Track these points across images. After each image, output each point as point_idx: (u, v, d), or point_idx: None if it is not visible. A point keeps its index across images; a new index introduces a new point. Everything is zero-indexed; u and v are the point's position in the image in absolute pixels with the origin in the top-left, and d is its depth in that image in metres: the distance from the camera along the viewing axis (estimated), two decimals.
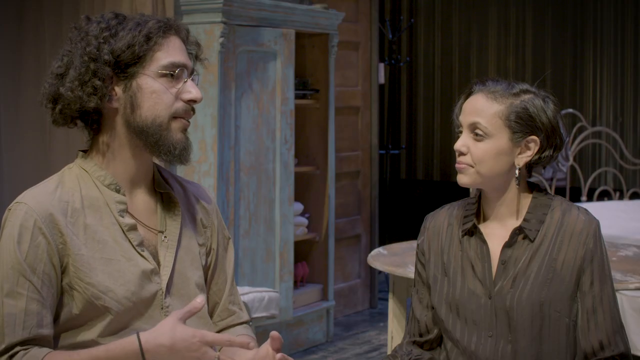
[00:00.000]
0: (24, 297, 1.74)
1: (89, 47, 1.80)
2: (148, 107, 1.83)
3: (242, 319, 2.08)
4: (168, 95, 1.83)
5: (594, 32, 7.60)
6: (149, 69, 1.82)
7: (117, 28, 1.83)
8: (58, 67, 1.84)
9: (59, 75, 1.83)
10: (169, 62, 1.83)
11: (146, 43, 1.81)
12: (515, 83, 2.05)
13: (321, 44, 5.15)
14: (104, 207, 1.84)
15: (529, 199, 2.07)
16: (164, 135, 1.83)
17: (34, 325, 1.74)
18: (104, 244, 1.82)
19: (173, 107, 1.84)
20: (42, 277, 1.76)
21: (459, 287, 2.07)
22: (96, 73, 1.80)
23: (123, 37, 1.81)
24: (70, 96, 1.80)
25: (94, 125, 1.87)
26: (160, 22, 1.85)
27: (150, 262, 1.85)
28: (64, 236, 1.78)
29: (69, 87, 1.80)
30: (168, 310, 1.86)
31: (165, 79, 1.83)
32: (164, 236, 1.91)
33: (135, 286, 1.82)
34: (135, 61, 1.82)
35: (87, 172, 1.87)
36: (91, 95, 1.80)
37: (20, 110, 4.51)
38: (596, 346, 2.01)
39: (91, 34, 1.82)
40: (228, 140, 4.39)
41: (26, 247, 1.75)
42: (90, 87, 1.80)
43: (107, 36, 1.81)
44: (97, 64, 1.80)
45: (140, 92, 1.82)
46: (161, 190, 1.94)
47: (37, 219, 1.76)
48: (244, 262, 4.51)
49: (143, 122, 1.83)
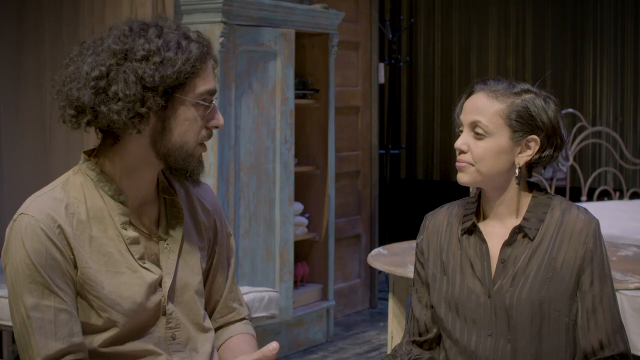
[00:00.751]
0: (52, 308, 1.72)
1: (142, 72, 1.73)
2: (179, 133, 1.80)
3: (242, 315, 2.08)
4: (198, 123, 1.82)
5: (594, 32, 7.60)
6: (187, 96, 1.79)
7: (163, 50, 1.76)
8: (96, 77, 1.76)
9: (99, 90, 1.75)
10: (205, 90, 1.81)
11: (191, 69, 1.78)
12: (517, 83, 2.05)
13: (321, 43, 5.15)
14: (108, 218, 1.83)
15: (528, 198, 2.07)
16: (188, 160, 1.83)
17: (66, 335, 1.73)
18: (109, 257, 1.81)
19: (200, 135, 1.83)
20: (63, 286, 1.74)
21: (458, 286, 2.07)
22: (144, 100, 1.74)
23: (170, 63, 1.75)
24: (110, 116, 1.74)
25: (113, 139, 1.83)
26: (201, 47, 1.80)
27: (155, 272, 1.85)
28: (72, 248, 1.76)
29: (114, 109, 1.74)
30: (171, 317, 1.86)
31: (198, 107, 1.81)
32: (166, 243, 1.90)
33: (141, 298, 1.82)
34: (178, 87, 1.78)
35: (91, 180, 1.84)
36: (132, 119, 1.75)
37: (20, 110, 4.51)
38: (596, 346, 2.01)
39: (139, 54, 1.75)
40: (228, 140, 4.39)
41: (42, 258, 1.72)
42: (133, 112, 1.74)
43: (157, 62, 1.75)
44: (148, 93, 1.74)
45: (175, 118, 1.79)
46: (165, 196, 1.94)
47: (47, 230, 1.74)
48: (244, 262, 4.51)
49: (171, 147, 1.81)
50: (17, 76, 4.49)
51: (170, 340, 1.86)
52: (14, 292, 1.74)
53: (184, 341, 1.88)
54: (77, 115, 1.79)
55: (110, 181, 1.84)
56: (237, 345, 2.02)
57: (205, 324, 1.95)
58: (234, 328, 2.06)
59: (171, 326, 1.86)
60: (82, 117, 1.78)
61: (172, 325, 1.87)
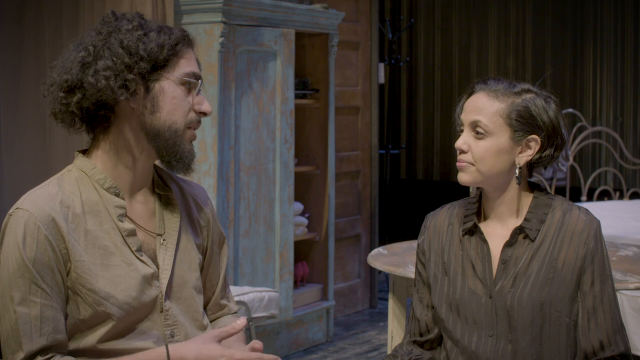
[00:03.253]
0: (38, 304, 1.73)
1: (127, 41, 1.80)
2: (167, 111, 1.83)
3: (232, 311, 2.12)
4: (186, 103, 1.85)
5: (594, 32, 7.60)
6: (173, 74, 1.84)
7: (147, 28, 1.84)
8: (84, 56, 1.81)
9: (85, 64, 1.80)
10: (191, 70, 1.86)
11: (173, 48, 1.83)
12: (517, 82, 2.05)
13: (321, 43, 5.15)
14: (103, 211, 1.84)
15: (529, 198, 2.07)
16: (178, 142, 1.85)
17: (50, 332, 1.74)
18: (104, 250, 1.81)
19: (189, 116, 1.86)
20: (52, 283, 1.75)
21: (459, 287, 2.07)
22: (130, 67, 1.79)
23: (155, 38, 1.82)
24: (99, 85, 1.78)
25: (103, 124, 1.85)
26: (184, 32, 1.88)
27: (150, 267, 1.86)
28: (66, 242, 1.77)
29: (101, 75, 1.78)
30: (168, 314, 1.87)
31: (184, 87, 1.85)
32: (162, 239, 1.91)
33: (136, 291, 1.82)
34: (163, 64, 1.83)
35: (86, 175, 1.86)
36: (121, 88, 1.78)
37: (20, 110, 4.51)
38: (596, 346, 2.01)
39: (124, 29, 1.82)
40: (228, 140, 4.39)
41: (33, 254, 1.74)
42: (121, 79, 1.78)
43: (141, 34, 1.81)
44: (134, 58, 1.79)
45: (163, 95, 1.83)
46: (160, 192, 1.95)
47: (40, 225, 1.75)
48: (244, 262, 4.51)
49: (161, 126, 1.83)
50: (17, 76, 4.49)
51: (169, 337, 1.86)
52: (3, 286, 1.76)
53: (182, 338, 1.88)
54: (67, 97, 1.82)
55: (105, 174, 1.86)
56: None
57: (204, 322, 1.96)
58: (223, 320, 2.10)
59: (169, 323, 1.87)
60: (72, 97, 1.81)
61: (170, 322, 1.87)
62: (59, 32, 4.41)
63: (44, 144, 4.48)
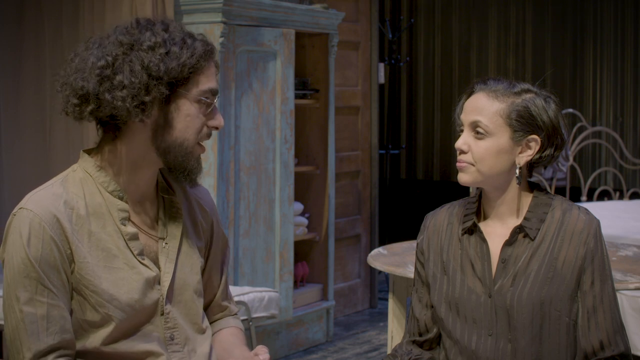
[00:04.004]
0: (45, 304, 1.73)
1: (147, 61, 1.76)
2: (180, 129, 1.82)
3: (232, 312, 2.13)
4: (199, 121, 1.84)
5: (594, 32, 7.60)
6: (190, 92, 1.81)
7: (169, 43, 1.79)
8: (102, 66, 1.78)
9: (104, 78, 1.77)
10: (208, 88, 1.83)
11: (194, 66, 1.80)
12: (517, 82, 2.05)
13: (321, 43, 5.15)
14: (106, 214, 1.84)
15: (529, 198, 2.07)
16: (187, 158, 1.84)
17: (57, 331, 1.74)
18: (107, 252, 1.81)
19: (201, 133, 1.85)
20: (57, 283, 1.75)
21: (458, 286, 2.07)
22: (149, 89, 1.76)
23: (176, 56, 1.78)
24: (114, 103, 1.76)
25: (115, 132, 1.84)
26: (205, 45, 1.84)
27: (152, 270, 1.86)
28: (70, 243, 1.77)
29: (118, 96, 1.75)
30: (169, 317, 1.87)
31: (200, 104, 1.83)
32: (164, 242, 1.91)
33: (139, 294, 1.82)
34: (182, 82, 1.80)
35: (90, 176, 1.85)
36: (136, 108, 1.76)
37: (20, 110, 4.51)
38: (596, 346, 2.01)
39: (146, 45, 1.78)
40: (228, 140, 4.39)
41: (39, 254, 1.74)
42: (138, 100, 1.76)
43: (162, 54, 1.77)
44: (153, 80, 1.76)
45: (177, 113, 1.81)
46: (164, 195, 1.95)
47: (45, 225, 1.75)
48: (244, 262, 4.51)
49: (171, 143, 1.82)
50: (17, 76, 4.49)
51: (169, 340, 1.87)
52: (8, 286, 1.75)
53: (182, 341, 1.89)
54: (81, 105, 1.80)
55: (110, 177, 1.85)
56: (226, 338, 2.05)
57: (203, 325, 1.96)
58: (224, 322, 2.10)
59: (169, 326, 1.87)
60: (86, 106, 1.79)
61: (170, 326, 1.87)
62: (59, 32, 4.41)
63: (44, 144, 4.48)
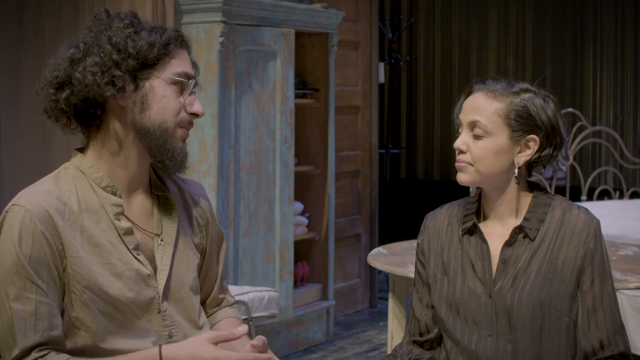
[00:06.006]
0: (33, 300, 1.74)
1: (116, 38, 1.80)
2: (157, 110, 1.83)
3: (229, 303, 2.14)
4: (176, 103, 1.85)
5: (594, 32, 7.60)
6: (164, 73, 1.84)
7: (137, 27, 1.84)
8: (73, 52, 1.81)
9: (74, 61, 1.81)
10: (182, 70, 1.86)
11: (165, 48, 1.83)
12: (515, 82, 2.05)
13: (321, 43, 5.15)
14: (100, 210, 1.84)
15: (529, 198, 2.07)
16: (169, 140, 1.85)
17: (45, 328, 1.74)
18: (100, 247, 1.81)
19: (179, 116, 1.86)
20: (47, 279, 1.76)
21: (459, 287, 2.07)
22: (118, 64, 1.79)
23: (145, 37, 1.82)
24: (85, 81, 1.78)
25: (95, 122, 1.86)
26: (177, 32, 1.87)
27: (146, 267, 1.86)
28: (62, 238, 1.77)
29: (88, 71, 1.78)
30: (166, 314, 1.87)
31: (176, 87, 1.85)
32: (160, 239, 1.91)
33: (132, 290, 1.82)
34: (153, 63, 1.82)
35: (83, 173, 1.86)
36: (108, 84, 1.79)
37: (20, 110, 4.51)
38: (596, 345, 2.01)
39: (115, 26, 1.82)
40: (228, 140, 4.39)
41: (29, 250, 1.74)
42: (109, 75, 1.78)
43: (131, 32, 1.81)
44: (122, 55, 1.79)
45: (152, 94, 1.83)
46: (158, 193, 1.95)
47: (37, 221, 1.75)
48: (244, 262, 4.51)
49: (150, 124, 1.83)
50: (17, 76, 4.49)
51: (167, 338, 1.87)
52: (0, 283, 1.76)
53: (181, 338, 1.89)
54: (56, 93, 1.82)
55: (102, 173, 1.86)
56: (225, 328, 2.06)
57: (200, 322, 1.96)
58: (222, 312, 2.12)
59: (167, 324, 1.87)
60: (60, 94, 1.81)
61: (167, 323, 1.87)
62: (59, 32, 4.41)
63: (44, 144, 4.48)
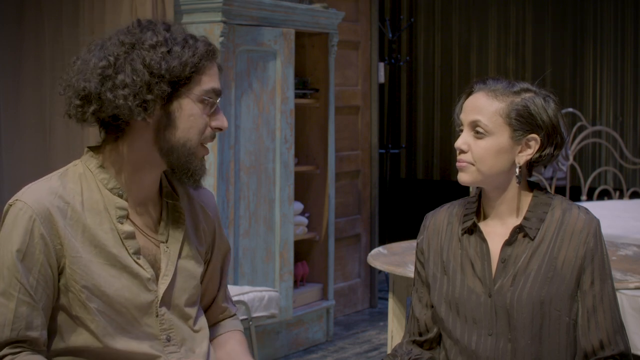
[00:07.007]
0: (15, 298, 1.74)
1: (149, 60, 1.76)
2: (183, 129, 1.81)
3: (231, 313, 2.14)
4: (202, 121, 1.83)
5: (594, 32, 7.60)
6: (193, 91, 1.81)
7: (171, 42, 1.79)
8: (104, 66, 1.78)
9: (105, 77, 1.77)
10: (211, 87, 1.83)
11: (196, 65, 1.80)
12: (516, 82, 2.05)
13: (321, 43, 5.15)
14: (103, 211, 1.83)
15: (529, 197, 2.07)
16: (190, 159, 1.83)
17: (22, 328, 1.74)
18: (101, 249, 1.81)
19: (204, 134, 1.84)
20: (38, 278, 1.75)
21: (458, 286, 2.07)
22: (150, 87, 1.76)
23: (177, 55, 1.78)
24: (116, 102, 1.75)
25: (117, 133, 1.84)
26: (208, 46, 1.84)
27: (147, 271, 1.85)
28: (61, 237, 1.77)
29: (120, 94, 1.75)
30: (164, 318, 1.87)
31: (203, 104, 1.83)
32: (166, 246, 1.91)
33: (130, 293, 1.82)
34: (184, 82, 1.80)
35: (91, 173, 1.85)
36: (138, 107, 1.76)
37: (20, 110, 4.51)
38: (596, 345, 2.01)
39: (147, 44, 1.78)
40: (228, 140, 4.39)
41: (24, 247, 1.75)
42: (140, 99, 1.76)
43: (164, 52, 1.77)
44: (154, 78, 1.76)
45: (180, 112, 1.81)
46: (168, 200, 1.94)
47: (36, 219, 1.75)
48: (244, 262, 4.51)
49: (175, 143, 1.81)
50: (17, 76, 4.50)
51: (165, 342, 1.87)
52: None
53: (179, 342, 1.89)
54: (83, 106, 1.79)
55: (110, 175, 1.85)
56: (227, 342, 2.07)
57: (195, 327, 1.96)
58: (224, 325, 2.11)
59: (165, 327, 1.87)
60: (88, 107, 1.79)
61: (165, 327, 1.87)
62: (59, 32, 4.41)
63: (44, 144, 4.48)
